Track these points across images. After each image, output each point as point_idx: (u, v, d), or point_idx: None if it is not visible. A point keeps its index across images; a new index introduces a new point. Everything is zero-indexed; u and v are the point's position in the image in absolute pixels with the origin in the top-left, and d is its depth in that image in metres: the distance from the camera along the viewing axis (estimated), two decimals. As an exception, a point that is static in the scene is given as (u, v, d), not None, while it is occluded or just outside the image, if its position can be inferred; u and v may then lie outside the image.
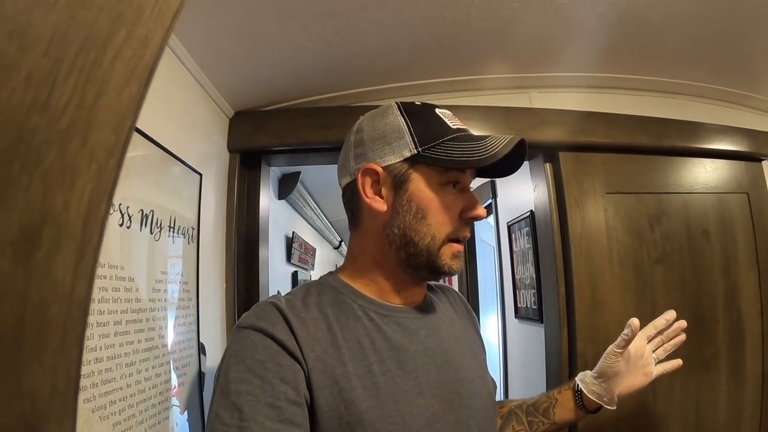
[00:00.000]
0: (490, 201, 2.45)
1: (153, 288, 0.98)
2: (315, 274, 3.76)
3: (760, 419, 1.76)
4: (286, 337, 0.69)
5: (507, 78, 1.58)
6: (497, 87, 1.62)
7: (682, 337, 0.99)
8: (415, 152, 0.77)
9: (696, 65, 1.70)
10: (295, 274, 3.07)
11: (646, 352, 0.96)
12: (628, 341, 0.90)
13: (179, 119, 1.14)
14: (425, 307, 0.87)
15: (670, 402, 1.61)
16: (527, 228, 1.89)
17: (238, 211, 1.45)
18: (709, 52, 1.59)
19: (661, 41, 1.47)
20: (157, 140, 0.99)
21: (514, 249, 2.10)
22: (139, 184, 0.93)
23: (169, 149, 1.04)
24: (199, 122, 1.27)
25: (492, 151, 0.74)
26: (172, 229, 1.05)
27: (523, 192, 1.88)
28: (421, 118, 0.81)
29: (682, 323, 0.98)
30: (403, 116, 0.80)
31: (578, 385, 0.95)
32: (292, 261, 2.97)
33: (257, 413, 0.63)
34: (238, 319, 1.40)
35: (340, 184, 0.88)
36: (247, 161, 1.50)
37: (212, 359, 1.29)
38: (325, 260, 4.64)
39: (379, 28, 1.22)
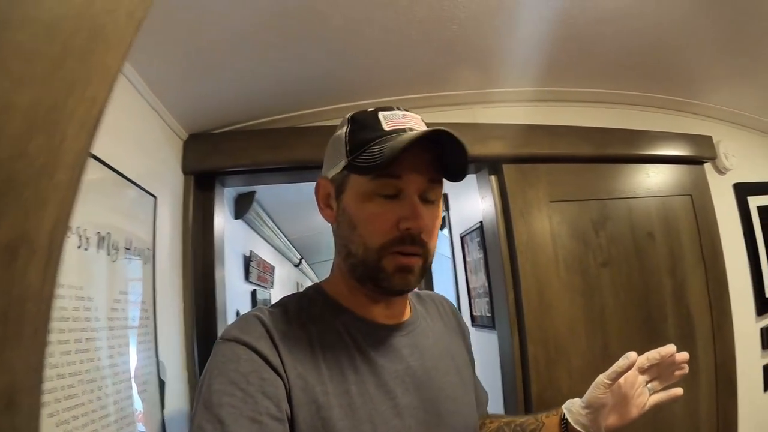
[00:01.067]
0: (444, 214, 2.60)
1: (111, 308, 1.07)
2: (275, 293, 3.86)
3: (716, 412, 1.91)
4: (270, 352, 0.71)
5: (451, 95, 1.72)
6: (442, 104, 1.76)
7: (685, 369, 0.88)
8: (345, 162, 0.78)
9: (635, 76, 1.87)
10: (254, 293, 3.17)
11: (637, 382, 0.86)
12: (621, 374, 0.81)
13: (133, 143, 1.24)
14: (409, 323, 0.87)
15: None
16: (478, 239, 2.03)
17: (193, 232, 1.55)
18: (646, 63, 1.75)
19: (599, 54, 1.62)
20: (111, 165, 1.09)
21: (467, 259, 2.24)
22: (95, 208, 1.03)
23: (124, 173, 1.14)
24: (154, 146, 1.38)
25: (391, 150, 0.71)
26: (128, 251, 1.15)
27: (473, 204, 2.02)
28: (359, 124, 0.80)
29: (684, 355, 0.87)
30: (347, 125, 0.81)
31: (564, 414, 0.88)
32: (250, 280, 3.07)
33: (239, 426, 0.64)
34: (196, 337, 1.51)
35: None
36: (201, 182, 1.60)
37: (172, 378, 1.37)
38: (285, 278, 4.75)
39: (326, 53, 1.35)
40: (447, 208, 2.60)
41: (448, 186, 0.90)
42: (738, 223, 2.27)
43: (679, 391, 0.87)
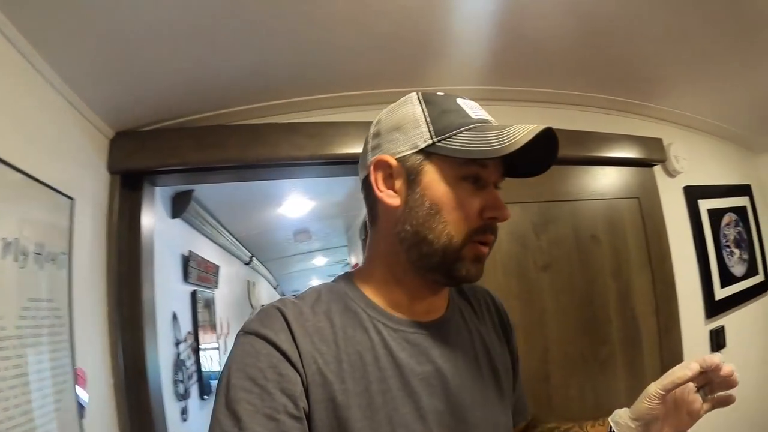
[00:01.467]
0: None
1: (20, 315, 1.08)
2: (219, 292, 3.88)
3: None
4: (289, 346, 0.72)
5: (387, 93, 1.75)
6: (377, 102, 1.79)
7: (735, 381, 0.80)
8: (430, 142, 0.77)
9: (584, 76, 1.93)
10: (194, 293, 3.18)
11: (689, 388, 0.81)
12: (679, 386, 0.78)
13: (48, 144, 1.25)
14: (444, 322, 0.87)
15: (566, 403, 1.82)
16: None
17: (118, 234, 1.56)
18: (595, 63, 1.81)
19: (544, 53, 1.67)
20: (20, 168, 1.09)
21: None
22: (0, 215, 1.04)
23: (35, 176, 1.15)
24: (73, 145, 1.39)
25: (511, 139, 0.71)
26: (39, 256, 1.16)
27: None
28: (440, 107, 0.80)
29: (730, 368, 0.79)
30: (421, 105, 0.81)
31: (612, 426, 0.85)
32: (189, 280, 3.08)
33: (255, 423, 0.65)
34: (122, 343, 1.53)
35: (360, 179, 0.90)
36: (129, 182, 1.62)
37: (94, 384, 1.39)
38: (233, 277, 4.77)
39: (252, 50, 1.37)
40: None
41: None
42: (688, 226, 2.38)
43: (733, 395, 0.82)
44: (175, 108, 1.62)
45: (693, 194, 2.41)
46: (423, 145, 0.77)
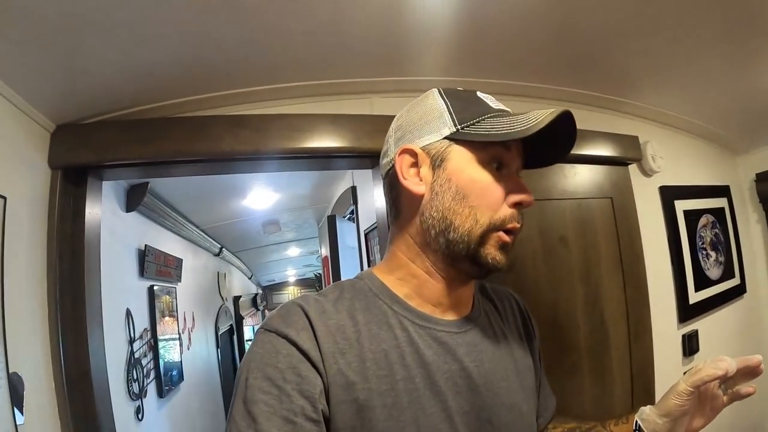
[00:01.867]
0: (352, 207, 2.69)
1: (-57, 322, 1.10)
2: (182, 286, 3.90)
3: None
4: (310, 345, 0.74)
5: (345, 83, 1.77)
6: (335, 93, 1.81)
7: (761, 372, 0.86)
8: (454, 129, 0.83)
9: (555, 69, 1.94)
10: (151, 289, 3.20)
11: (714, 384, 0.87)
12: (707, 383, 0.83)
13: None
14: (470, 320, 0.90)
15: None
16: (377, 237, 2.11)
17: (60, 231, 1.56)
18: (568, 56, 1.82)
19: (514, 46, 1.68)
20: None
21: (371, 257, 2.33)
22: None
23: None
24: (7, 141, 1.38)
25: (534, 121, 0.77)
26: (-34, 260, 1.17)
27: (376, 201, 2.08)
28: (461, 99, 0.87)
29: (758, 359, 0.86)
30: (442, 98, 0.87)
31: (638, 423, 0.90)
32: (146, 275, 3.09)
33: (271, 425, 0.67)
34: (63, 344, 1.54)
35: (381, 175, 0.95)
36: (71, 177, 1.61)
37: (34, 390, 1.40)
38: (200, 269, 4.79)
39: (187, 37, 1.36)
40: (355, 202, 2.67)
41: (356, 178, 0.93)
42: (663, 228, 2.43)
43: (752, 389, 0.88)
44: (115, 100, 1.61)
45: (669, 194, 2.45)
46: (447, 133, 0.83)
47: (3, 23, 1.13)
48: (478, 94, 0.88)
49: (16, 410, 1.32)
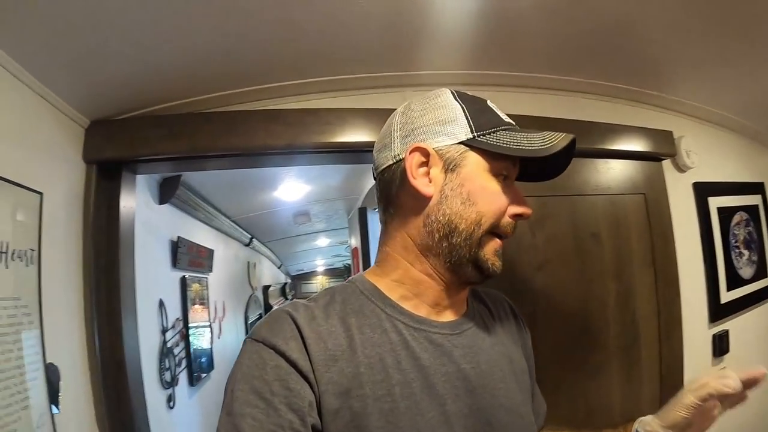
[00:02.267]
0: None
1: (-18, 315, 1.10)
2: (214, 276, 3.93)
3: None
4: (300, 355, 0.72)
5: (378, 77, 1.73)
6: (367, 87, 1.78)
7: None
8: (471, 136, 0.82)
9: (589, 61, 1.87)
10: (183, 279, 3.22)
11: None
12: (715, 397, 0.80)
13: (13, 139, 1.25)
14: (464, 322, 0.89)
15: (554, 410, 1.81)
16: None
17: (95, 224, 1.57)
18: (602, 48, 1.75)
19: (543, 36, 1.61)
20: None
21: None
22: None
23: (-1, 174, 1.16)
24: (44, 138, 1.38)
25: (550, 143, 0.80)
26: (4, 255, 1.17)
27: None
28: (475, 104, 0.87)
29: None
30: (457, 100, 0.86)
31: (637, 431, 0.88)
32: (179, 266, 3.11)
33: None
34: (98, 334, 1.55)
35: (375, 169, 0.93)
36: (106, 171, 1.61)
37: (70, 378, 1.41)
38: (231, 259, 4.82)
39: (220, 34, 1.34)
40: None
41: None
42: (696, 225, 2.34)
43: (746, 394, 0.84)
44: (147, 96, 1.60)
45: (703, 191, 2.36)
46: (464, 138, 0.82)
47: (37, 22, 1.12)
48: (488, 102, 0.89)
49: (55, 399, 1.34)
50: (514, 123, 0.88)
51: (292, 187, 3.36)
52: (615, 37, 1.66)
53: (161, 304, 2.76)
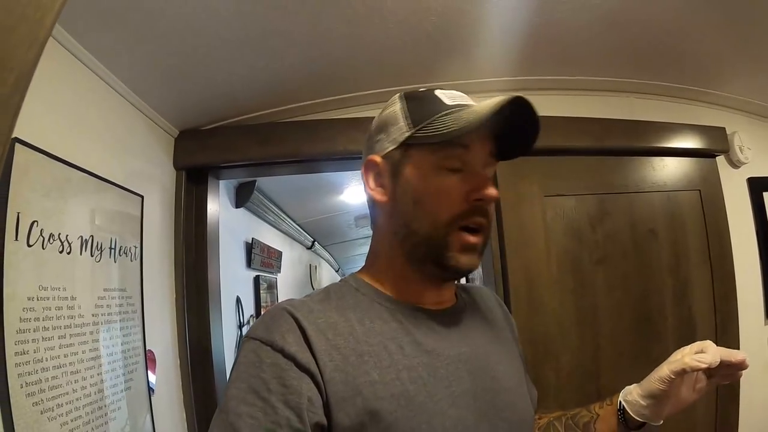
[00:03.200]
0: None
1: (96, 304, 1.18)
2: (281, 276, 4.02)
3: (715, 417, 1.95)
4: (299, 348, 0.68)
5: (437, 86, 1.76)
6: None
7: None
8: (408, 134, 0.78)
9: (641, 63, 1.87)
10: (256, 279, 3.31)
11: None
12: (688, 372, 0.78)
13: (118, 147, 1.34)
14: (456, 310, 0.87)
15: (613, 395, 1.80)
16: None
17: (185, 225, 1.65)
18: (653, 49, 1.75)
19: (597, 40, 1.63)
20: (93, 172, 1.19)
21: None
22: (76, 214, 1.13)
23: (108, 178, 1.25)
24: (141, 146, 1.48)
25: (473, 116, 0.72)
26: (113, 250, 1.26)
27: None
28: (418, 100, 0.82)
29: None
30: (401, 102, 0.82)
31: (621, 403, 0.86)
32: (252, 266, 3.20)
33: None
34: (188, 325, 1.63)
35: None
36: (194, 177, 1.70)
37: (162, 363, 1.50)
38: (296, 261, 4.91)
39: (302, 51, 1.42)
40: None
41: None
42: (751, 221, 2.26)
43: (740, 372, 0.82)
44: (234, 107, 1.69)
45: (757, 186, 2.28)
46: (402, 139, 0.78)
47: (136, 39, 1.20)
48: (436, 92, 0.82)
49: (150, 382, 1.42)
50: (466, 104, 0.79)
51: (356, 191, 3.40)
52: (664, 38, 1.65)
53: (238, 300, 2.86)
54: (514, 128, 0.78)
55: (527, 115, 0.75)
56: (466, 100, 0.81)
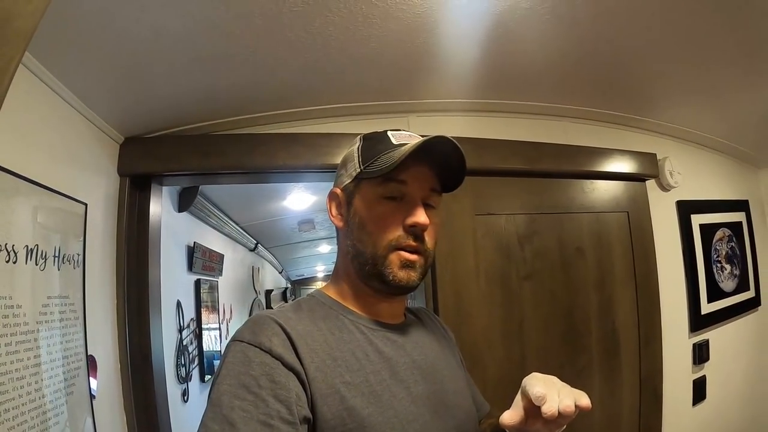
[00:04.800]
0: None
1: (40, 312, 1.29)
2: (223, 279, 4.15)
3: (639, 425, 2.18)
4: (284, 350, 0.79)
5: (382, 105, 1.94)
6: (373, 113, 1.98)
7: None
8: (359, 170, 0.96)
9: (576, 90, 2.06)
10: (197, 282, 3.43)
11: None
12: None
13: (63, 155, 1.46)
14: (407, 324, 1.05)
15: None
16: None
17: (128, 231, 1.77)
18: (590, 77, 1.93)
19: (534, 68, 1.80)
20: (39, 181, 1.29)
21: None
22: (23, 224, 1.24)
23: (53, 187, 1.36)
24: (85, 153, 1.59)
25: (396, 157, 0.89)
26: (56, 258, 1.37)
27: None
28: (372, 141, 1.00)
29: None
30: (359, 142, 1.02)
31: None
32: (194, 270, 3.33)
33: (250, 429, 0.70)
34: (129, 330, 1.74)
35: None
36: (137, 183, 1.82)
37: (104, 368, 1.61)
38: (238, 263, 5.04)
39: (248, 67, 1.54)
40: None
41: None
42: (678, 241, 2.51)
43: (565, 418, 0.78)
44: (178, 118, 1.81)
45: (686, 209, 2.55)
46: (354, 174, 0.98)
47: (83, 47, 1.30)
48: (389, 132, 1.00)
49: (91, 386, 1.53)
50: (407, 143, 0.94)
51: (299, 198, 3.57)
52: (603, 66, 1.83)
53: (178, 305, 2.98)
54: (447, 163, 0.96)
55: (455, 151, 0.92)
56: (408, 139, 0.98)
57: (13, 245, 1.20)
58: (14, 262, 1.20)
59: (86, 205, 1.54)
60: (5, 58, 0.61)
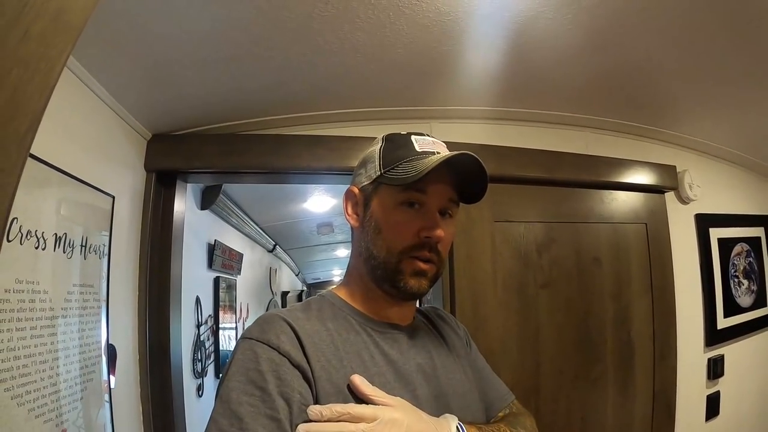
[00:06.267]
0: None
1: (65, 298, 1.31)
2: (241, 278, 4.17)
3: (651, 432, 2.15)
4: (292, 347, 0.80)
5: (409, 110, 1.96)
6: (395, 118, 1.99)
7: None
8: (379, 173, 0.95)
9: (598, 101, 2.06)
10: (216, 280, 3.46)
11: None
12: None
13: (93, 148, 1.48)
14: (414, 327, 1.04)
15: (552, 416, 1.97)
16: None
17: (152, 225, 1.80)
18: (612, 89, 1.93)
19: (556, 79, 1.81)
20: (70, 172, 1.32)
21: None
22: (53, 212, 1.27)
23: (83, 179, 1.38)
24: (115, 147, 1.62)
25: (419, 169, 0.88)
26: (84, 248, 1.40)
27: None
28: (394, 144, 0.98)
29: None
30: (381, 143, 1.00)
31: None
32: (213, 267, 3.35)
33: (257, 424, 0.71)
34: (149, 322, 1.76)
35: None
36: (163, 179, 1.85)
37: (123, 358, 1.63)
38: (256, 263, 5.06)
39: (274, 71, 1.57)
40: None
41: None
42: (696, 254, 2.48)
43: None
44: (205, 117, 1.84)
45: (704, 222, 2.51)
46: (374, 176, 0.96)
47: (117, 51, 1.35)
48: (412, 137, 0.98)
49: (110, 375, 1.55)
50: (432, 152, 0.94)
51: (319, 200, 3.59)
52: (624, 78, 1.83)
53: (197, 301, 3.01)
54: (469, 177, 0.94)
55: (477, 167, 0.91)
56: (432, 147, 0.97)
57: (43, 232, 1.22)
58: (43, 249, 1.22)
59: (113, 197, 1.57)
60: (57, 48, 0.63)
